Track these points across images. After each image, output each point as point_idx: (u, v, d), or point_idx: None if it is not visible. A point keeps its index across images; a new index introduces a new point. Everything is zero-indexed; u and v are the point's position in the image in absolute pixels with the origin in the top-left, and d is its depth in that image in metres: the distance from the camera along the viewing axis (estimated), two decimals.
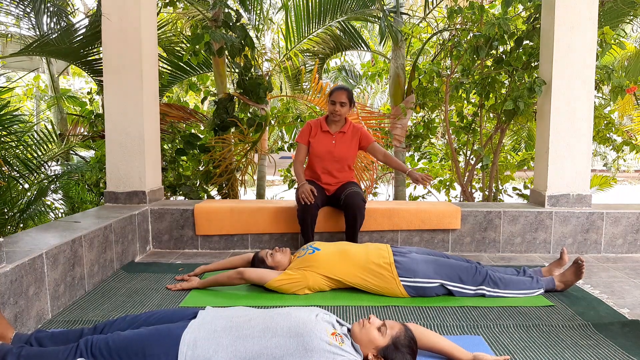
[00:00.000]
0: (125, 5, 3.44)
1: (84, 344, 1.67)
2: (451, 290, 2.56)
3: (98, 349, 1.64)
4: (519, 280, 2.62)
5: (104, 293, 2.61)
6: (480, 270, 2.60)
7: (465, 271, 2.58)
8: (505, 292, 2.57)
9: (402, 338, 1.69)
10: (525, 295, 2.58)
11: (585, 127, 3.63)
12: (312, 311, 1.75)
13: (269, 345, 1.60)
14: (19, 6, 3.89)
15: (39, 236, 2.49)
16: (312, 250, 2.67)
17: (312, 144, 3.43)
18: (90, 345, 1.66)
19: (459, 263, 2.63)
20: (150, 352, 1.61)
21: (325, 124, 3.46)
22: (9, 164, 3.59)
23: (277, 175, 7.28)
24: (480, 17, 4.44)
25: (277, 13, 9.27)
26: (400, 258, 2.58)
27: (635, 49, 7.46)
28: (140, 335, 1.68)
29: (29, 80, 10.27)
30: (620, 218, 3.57)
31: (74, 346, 1.67)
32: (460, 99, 4.91)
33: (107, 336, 1.70)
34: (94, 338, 1.69)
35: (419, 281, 2.54)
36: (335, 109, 3.35)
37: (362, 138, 3.48)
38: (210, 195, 5.13)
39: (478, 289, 2.56)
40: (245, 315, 1.72)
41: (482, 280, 2.56)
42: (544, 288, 2.62)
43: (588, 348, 1.99)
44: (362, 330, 1.71)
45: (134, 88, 3.50)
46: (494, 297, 2.56)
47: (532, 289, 2.60)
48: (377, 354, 1.66)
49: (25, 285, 2.04)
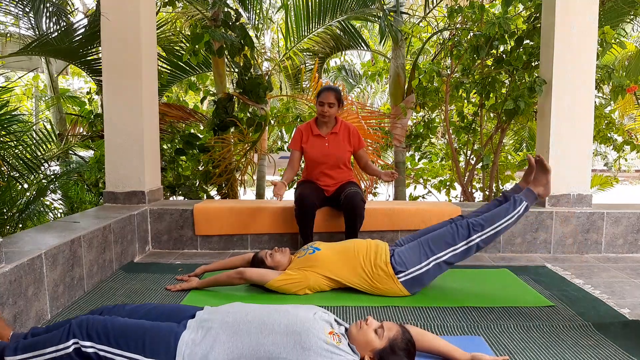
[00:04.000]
0: (124, 5, 3.43)
1: (77, 325, 1.64)
2: (445, 260, 2.52)
3: (95, 331, 1.62)
4: (501, 210, 2.57)
5: (103, 293, 2.60)
6: (461, 224, 2.56)
7: (448, 234, 2.55)
8: (493, 227, 2.52)
9: (399, 340, 1.67)
10: (514, 217, 2.52)
11: (585, 127, 3.62)
12: (310, 309, 1.74)
13: (265, 342, 1.59)
14: (18, 6, 3.89)
15: (38, 236, 2.48)
16: (312, 250, 2.66)
17: (306, 149, 3.42)
18: (85, 326, 1.63)
19: (439, 231, 2.59)
20: (150, 346, 1.60)
21: (316, 126, 3.43)
22: (8, 163, 3.58)
23: (276, 175, 7.27)
24: (480, 17, 4.44)
25: (277, 12, 9.26)
26: (393, 255, 2.57)
27: (635, 48, 7.45)
28: (142, 326, 1.66)
29: (28, 80, 10.25)
30: (621, 218, 3.56)
31: (67, 327, 1.65)
32: (461, 99, 4.90)
33: (104, 318, 1.67)
34: (90, 318, 1.66)
35: (412, 271, 2.51)
36: (323, 110, 3.33)
37: (354, 139, 3.47)
38: (210, 195, 5.13)
39: (469, 241, 2.52)
40: (242, 311, 1.71)
41: (467, 232, 2.52)
42: (525, 201, 2.56)
43: (588, 348, 1.99)
44: (359, 332, 1.70)
45: (133, 88, 3.49)
46: (487, 235, 2.51)
47: (516, 209, 2.54)
48: (373, 356, 1.65)
49: (24, 286, 2.04)
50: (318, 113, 3.39)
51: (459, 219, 2.65)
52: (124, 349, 1.60)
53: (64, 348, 1.62)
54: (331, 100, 3.32)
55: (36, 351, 1.63)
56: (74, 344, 1.61)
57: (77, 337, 1.62)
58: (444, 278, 2.89)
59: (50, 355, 1.62)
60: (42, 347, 1.63)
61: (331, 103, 3.32)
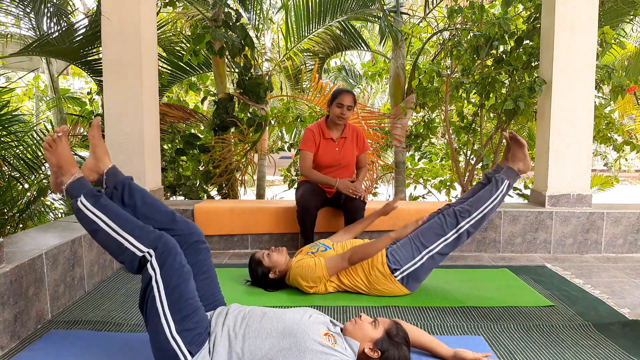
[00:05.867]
0: (125, 5, 3.43)
1: (163, 247, 1.63)
2: (438, 251, 2.52)
3: (167, 267, 1.61)
4: (485, 192, 2.57)
5: (103, 293, 2.61)
6: (448, 213, 2.57)
7: (437, 225, 2.55)
8: (479, 211, 2.53)
9: (394, 329, 1.72)
10: (498, 197, 2.54)
11: (585, 127, 3.63)
12: (305, 312, 1.76)
13: (262, 346, 1.60)
14: (18, 6, 3.89)
15: (39, 236, 2.48)
16: (323, 247, 2.67)
17: (317, 152, 3.37)
18: (166, 257, 1.61)
19: (428, 223, 2.60)
20: (189, 325, 1.61)
21: (327, 129, 3.40)
22: (9, 164, 3.59)
23: (277, 175, 7.28)
24: (480, 17, 4.44)
25: (277, 13, 9.26)
26: (387, 255, 2.57)
27: (635, 48, 7.45)
28: (197, 307, 1.66)
29: (29, 81, 10.27)
30: (621, 218, 3.57)
31: (157, 237, 1.66)
32: (461, 99, 4.90)
33: (181, 268, 1.64)
34: (174, 255, 1.63)
35: (406, 268, 2.51)
36: (342, 112, 3.27)
37: (361, 143, 3.47)
38: (210, 196, 5.13)
39: (459, 229, 2.52)
40: (239, 314, 1.73)
41: (455, 220, 2.53)
42: (507, 179, 2.57)
43: (588, 348, 1.99)
44: (355, 326, 1.73)
45: (133, 88, 3.49)
46: (475, 220, 2.51)
47: (499, 188, 2.55)
48: (373, 347, 1.67)
49: (24, 286, 2.04)
50: (335, 115, 3.30)
51: (445, 209, 2.65)
52: (170, 311, 1.59)
53: (137, 247, 1.65)
54: (350, 103, 3.27)
55: (113, 221, 1.68)
56: (147, 254, 1.63)
57: (154, 257, 1.62)
58: (443, 278, 2.90)
59: (123, 237, 1.66)
60: (125, 227, 1.67)
61: (350, 106, 3.27)
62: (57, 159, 1.81)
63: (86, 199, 1.72)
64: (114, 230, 1.68)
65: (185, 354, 1.58)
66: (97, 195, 1.75)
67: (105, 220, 1.70)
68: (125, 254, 1.66)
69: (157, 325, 1.58)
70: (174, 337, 1.58)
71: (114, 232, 1.68)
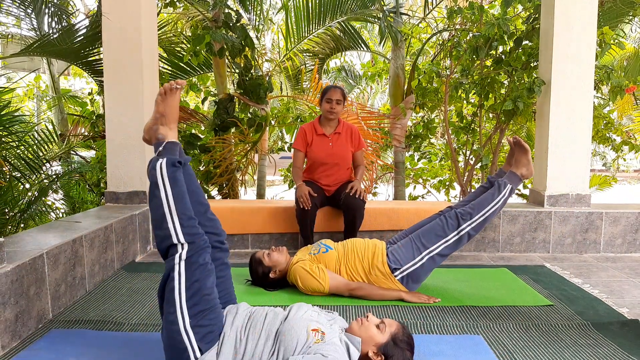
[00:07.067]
0: (126, 6, 3.44)
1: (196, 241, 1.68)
2: (439, 252, 2.53)
3: (192, 263, 1.65)
4: (487, 195, 2.59)
5: (104, 293, 2.62)
6: (450, 215, 2.58)
7: (438, 227, 2.56)
8: (481, 214, 2.54)
9: (400, 334, 1.69)
10: (500, 201, 2.55)
11: (584, 127, 3.64)
12: (300, 308, 1.75)
13: (259, 349, 1.61)
14: (20, 7, 3.90)
15: (40, 236, 2.49)
16: (325, 248, 2.67)
17: (310, 149, 3.42)
18: (192, 253, 1.66)
19: (429, 225, 2.61)
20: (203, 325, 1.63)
21: (320, 126, 3.45)
22: (10, 164, 3.60)
23: (277, 175, 7.29)
24: (479, 18, 4.45)
25: (277, 13, 9.27)
26: (388, 254, 2.58)
27: (634, 49, 7.46)
28: (216, 306, 1.68)
29: (30, 81, 10.27)
30: (620, 218, 3.58)
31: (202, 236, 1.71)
32: (460, 99, 4.91)
33: (205, 269, 1.67)
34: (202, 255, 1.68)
35: (407, 268, 2.52)
36: (331, 107, 3.35)
37: (356, 140, 3.48)
38: (211, 195, 5.14)
39: (460, 231, 2.53)
40: (246, 316, 1.73)
41: (457, 222, 2.54)
42: (510, 184, 2.58)
43: (587, 347, 2.00)
44: (360, 327, 1.72)
45: (134, 88, 3.50)
46: (477, 223, 2.52)
47: (502, 193, 2.56)
48: (377, 351, 1.67)
49: (26, 285, 2.05)
50: (325, 111, 3.39)
51: (447, 210, 2.66)
52: (187, 304, 1.61)
53: (176, 233, 1.67)
54: (338, 97, 3.34)
55: (173, 198, 1.70)
56: (180, 245, 1.67)
57: (185, 250, 1.66)
58: (443, 278, 2.91)
59: (172, 217, 1.68)
60: (179, 209, 1.69)
61: (338, 100, 3.34)
62: (164, 108, 1.86)
63: (166, 165, 1.72)
64: (169, 206, 1.69)
65: (195, 349, 1.59)
66: (176, 166, 1.75)
67: (168, 192, 1.70)
68: (163, 231, 1.68)
69: (172, 317, 1.60)
70: (187, 331, 1.59)
71: (168, 207, 1.69)
